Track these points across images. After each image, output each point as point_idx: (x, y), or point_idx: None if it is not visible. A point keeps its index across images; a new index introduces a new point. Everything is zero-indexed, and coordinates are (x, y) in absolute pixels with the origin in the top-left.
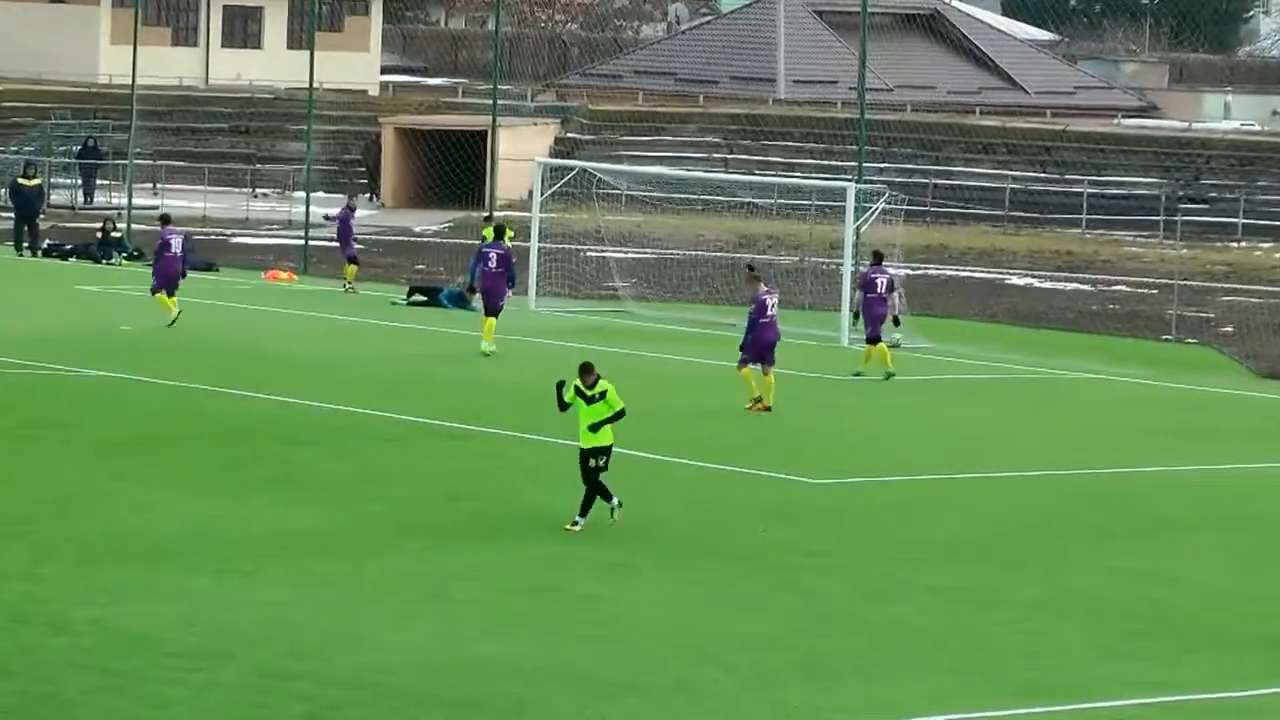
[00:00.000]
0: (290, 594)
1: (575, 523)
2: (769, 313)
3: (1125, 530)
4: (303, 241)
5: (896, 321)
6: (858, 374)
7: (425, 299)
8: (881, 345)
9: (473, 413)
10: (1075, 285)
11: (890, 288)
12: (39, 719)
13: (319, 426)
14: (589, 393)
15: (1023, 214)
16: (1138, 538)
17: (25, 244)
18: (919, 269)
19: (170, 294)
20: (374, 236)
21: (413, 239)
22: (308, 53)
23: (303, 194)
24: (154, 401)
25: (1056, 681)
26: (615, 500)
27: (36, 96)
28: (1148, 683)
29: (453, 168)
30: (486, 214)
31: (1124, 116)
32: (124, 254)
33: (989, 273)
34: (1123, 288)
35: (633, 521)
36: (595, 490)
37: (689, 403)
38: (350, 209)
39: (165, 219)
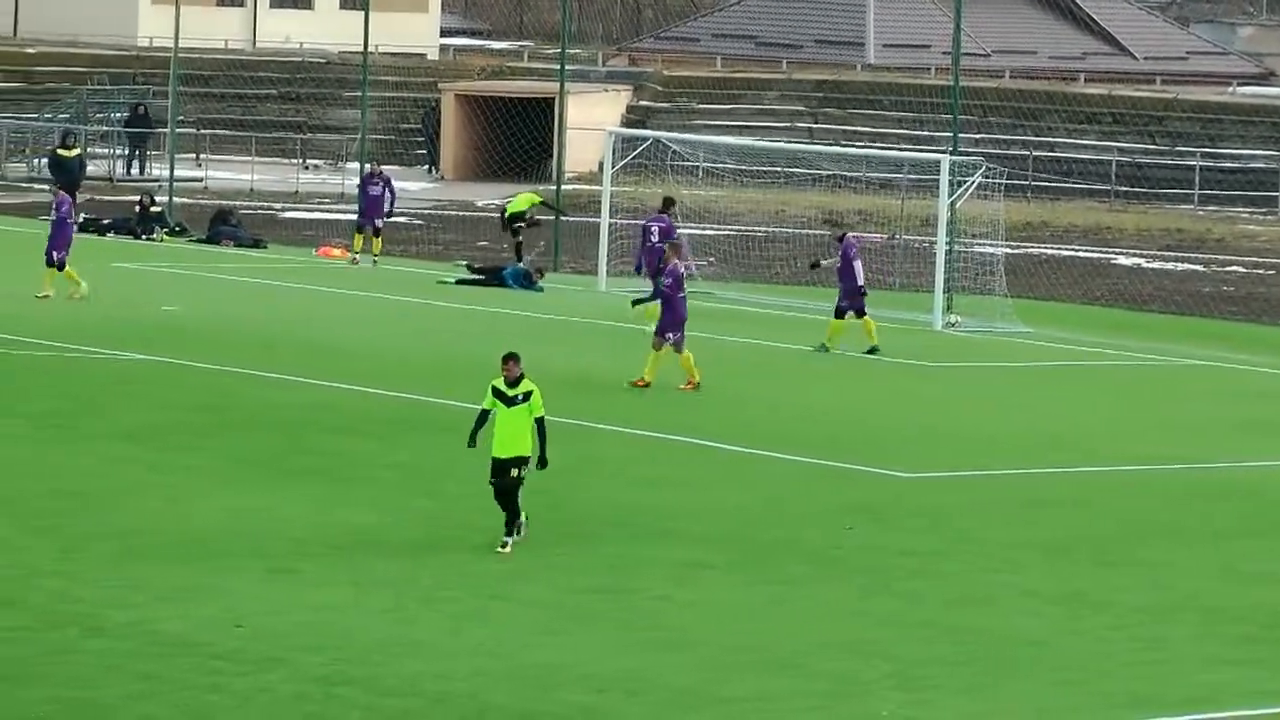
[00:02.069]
0: (340, 595)
1: (504, 544)
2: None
3: (1240, 530)
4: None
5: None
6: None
7: (481, 279)
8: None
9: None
10: (1186, 266)
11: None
12: None
13: (371, 416)
14: (510, 393)
15: (1129, 189)
16: (1254, 538)
17: None
18: (1018, 247)
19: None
20: (433, 211)
21: (474, 213)
22: (362, 13)
23: (356, 165)
24: (195, 387)
25: (1167, 691)
26: (523, 518)
27: (72, 60)
28: (1264, 692)
29: (517, 138)
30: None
31: (1240, 84)
32: (165, 229)
33: (1093, 252)
34: (1238, 268)
35: (711, 518)
36: (508, 507)
37: (771, 391)
38: (373, 175)
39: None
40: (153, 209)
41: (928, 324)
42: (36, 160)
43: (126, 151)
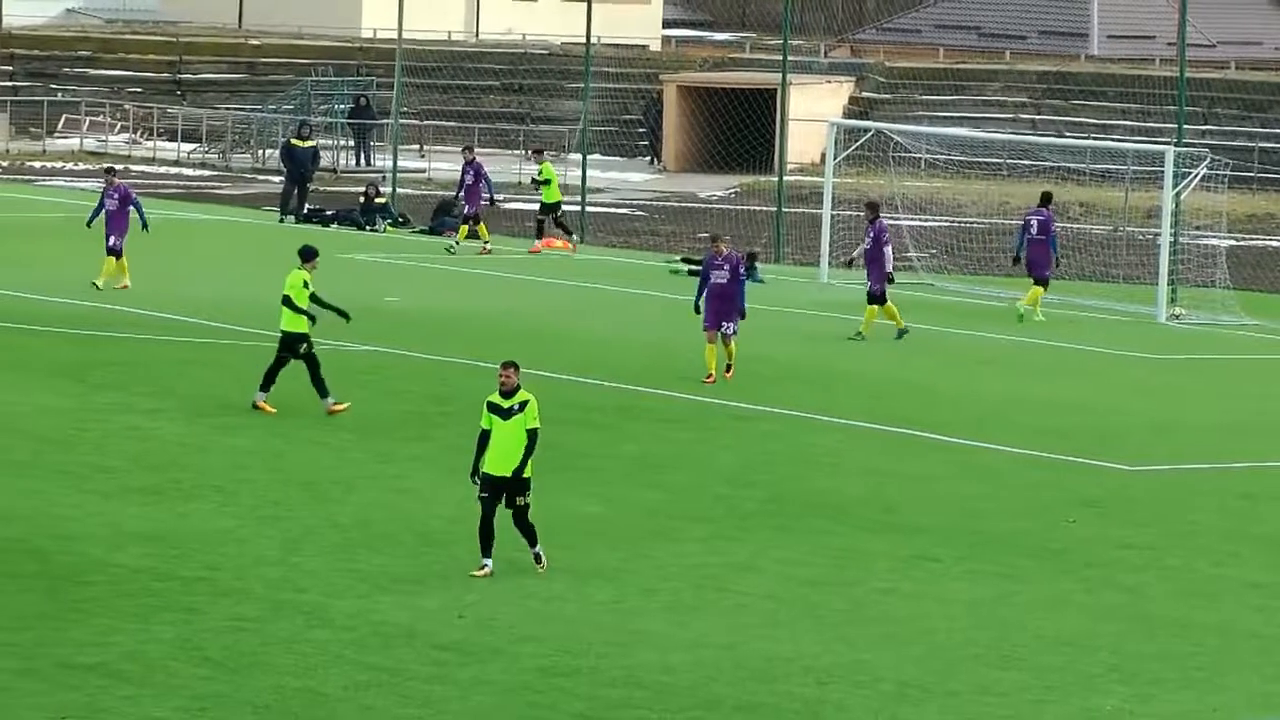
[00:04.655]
0: (563, 586)
1: (483, 565)
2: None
3: None
4: (579, 208)
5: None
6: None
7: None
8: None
9: (760, 393)
10: None
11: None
12: (297, 716)
13: (593, 407)
14: (505, 405)
15: None
16: None
17: (290, 209)
18: (1244, 239)
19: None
20: (655, 202)
21: (696, 205)
22: (585, 5)
23: (578, 156)
24: (419, 378)
25: None
26: (539, 549)
27: (296, 52)
28: None
29: (739, 129)
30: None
31: None
32: (389, 220)
33: None
34: None
35: (933, 511)
36: (522, 529)
37: (995, 383)
38: (473, 163)
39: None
40: (377, 200)
41: (1151, 317)
42: (262, 152)
43: (352, 143)
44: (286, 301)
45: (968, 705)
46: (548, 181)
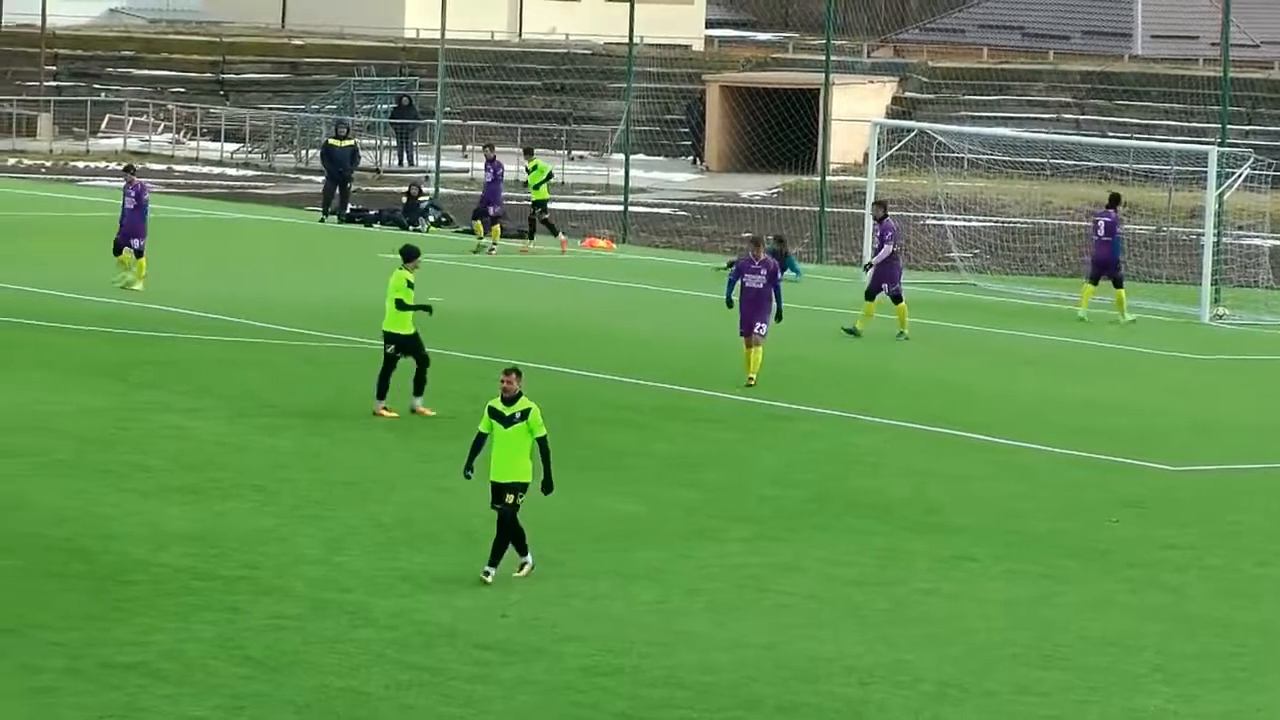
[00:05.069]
0: (605, 585)
1: (486, 572)
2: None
3: None
4: (622, 208)
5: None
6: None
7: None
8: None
9: (801, 392)
10: None
11: None
12: (339, 715)
13: (635, 406)
14: (506, 412)
15: None
16: None
17: (333, 208)
18: None
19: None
20: (697, 202)
21: (739, 205)
22: (627, 5)
23: (621, 156)
24: (461, 377)
25: None
26: (529, 558)
27: (339, 52)
28: None
29: (782, 129)
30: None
31: None
32: (432, 220)
33: None
34: None
35: (975, 511)
36: (509, 535)
37: (1037, 384)
38: (493, 161)
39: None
40: (420, 200)
41: (1195, 317)
42: (305, 151)
43: (394, 143)
44: (398, 303)
45: (1008, 705)
46: (541, 177)
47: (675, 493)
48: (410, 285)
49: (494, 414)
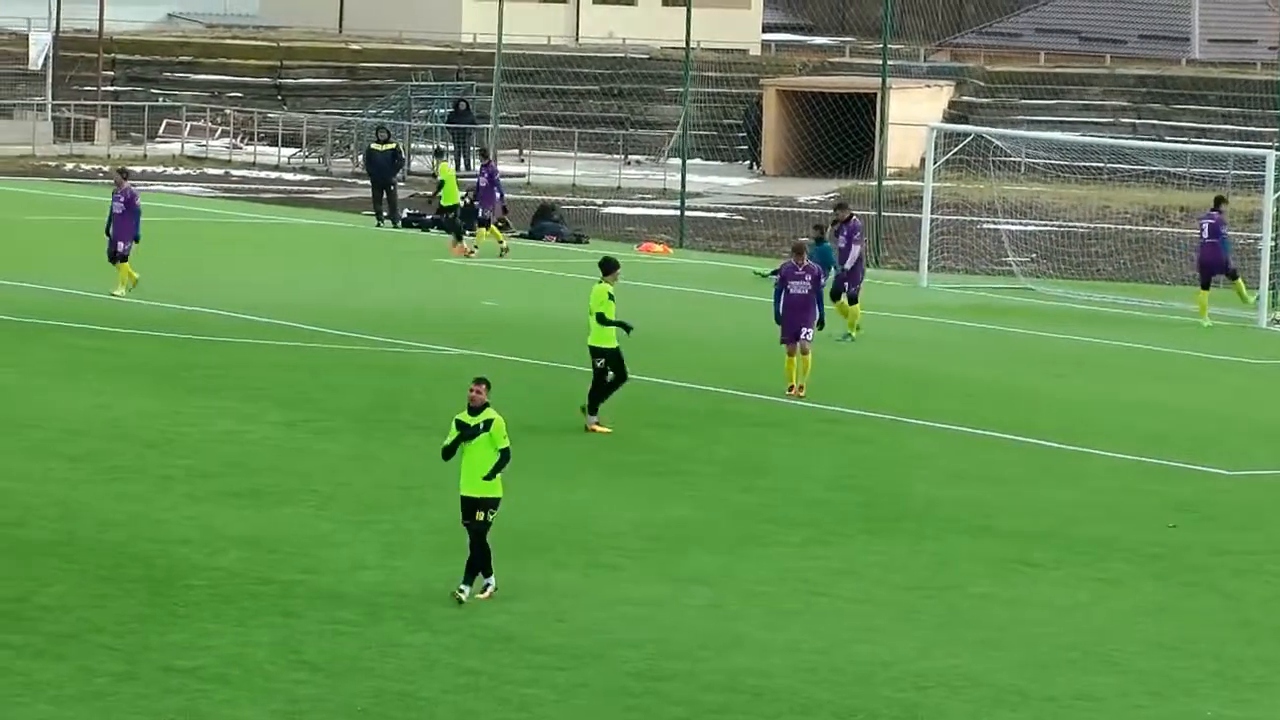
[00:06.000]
0: (661, 590)
1: (461, 590)
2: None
3: None
4: (678, 212)
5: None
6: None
7: None
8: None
9: (853, 396)
10: None
11: None
12: None
13: (690, 411)
14: (471, 423)
15: None
16: None
17: (385, 214)
18: None
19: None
20: (754, 206)
21: (796, 209)
22: (685, 9)
23: (678, 161)
24: (515, 382)
25: None
26: (492, 580)
27: (397, 57)
28: None
29: (839, 133)
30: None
31: None
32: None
33: None
34: None
35: (1031, 515)
36: (480, 553)
37: (1091, 387)
38: (488, 166)
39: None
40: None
41: (1252, 321)
42: (362, 156)
43: (452, 148)
44: (599, 318)
45: (1065, 710)
46: (443, 183)
47: (729, 496)
48: (611, 298)
49: (460, 426)
